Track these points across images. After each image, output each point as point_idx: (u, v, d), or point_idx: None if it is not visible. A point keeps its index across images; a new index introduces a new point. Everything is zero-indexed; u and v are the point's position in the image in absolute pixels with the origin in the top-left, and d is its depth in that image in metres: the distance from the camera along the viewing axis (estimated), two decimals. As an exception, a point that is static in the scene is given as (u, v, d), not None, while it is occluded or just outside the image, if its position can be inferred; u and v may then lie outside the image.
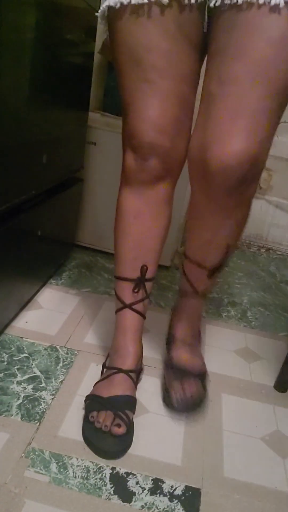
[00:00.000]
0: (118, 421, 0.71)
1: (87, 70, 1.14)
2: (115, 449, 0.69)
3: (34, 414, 0.75)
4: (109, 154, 1.31)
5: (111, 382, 0.77)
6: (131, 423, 0.73)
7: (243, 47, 0.59)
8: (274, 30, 0.57)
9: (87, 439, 0.71)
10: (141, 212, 0.77)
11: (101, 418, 0.72)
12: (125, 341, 0.81)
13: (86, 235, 1.44)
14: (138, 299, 0.81)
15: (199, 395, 0.82)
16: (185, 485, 0.67)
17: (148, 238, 0.79)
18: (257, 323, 1.20)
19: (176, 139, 0.69)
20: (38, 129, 0.89)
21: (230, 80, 0.61)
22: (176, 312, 0.93)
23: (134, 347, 0.81)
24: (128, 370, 0.79)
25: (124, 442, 0.71)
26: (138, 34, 0.63)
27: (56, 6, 0.85)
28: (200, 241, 0.78)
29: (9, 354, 0.89)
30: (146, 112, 0.67)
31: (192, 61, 0.67)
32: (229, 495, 0.67)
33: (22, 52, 0.75)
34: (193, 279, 0.84)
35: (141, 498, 0.64)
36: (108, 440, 0.70)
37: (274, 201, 1.74)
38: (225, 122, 0.62)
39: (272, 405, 0.88)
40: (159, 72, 0.65)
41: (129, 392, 0.76)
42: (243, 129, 0.61)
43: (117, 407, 0.73)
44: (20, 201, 0.88)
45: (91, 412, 0.73)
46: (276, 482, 0.71)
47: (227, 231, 0.75)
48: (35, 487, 0.62)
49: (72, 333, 1.00)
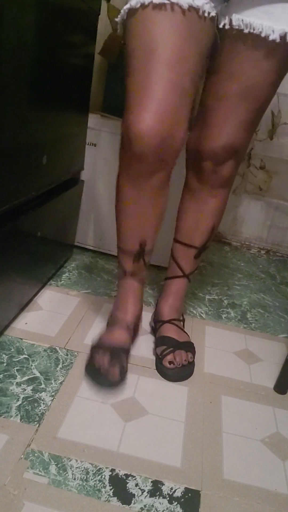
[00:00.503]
0: (113, 363, 0.85)
1: (88, 71, 1.14)
2: (111, 386, 0.84)
3: (33, 416, 0.75)
4: (109, 155, 1.31)
5: (112, 333, 0.92)
6: (124, 368, 0.87)
7: (236, 71, 0.74)
8: (266, 61, 0.72)
9: (88, 375, 0.86)
10: (137, 199, 0.81)
11: (100, 360, 0.86)
12: (126, 302, 0.94)
13: (86, 236, 1.44)
14: (138, 267, 0.92)
15: (189, 363, 0.93)
16: (184, 487, 0.67)
17: (146, 219, 0.85)
18: (257, 325, 1.19)
19: (173, 127, 0.73)
20: (38, 130, 0.89)
21: (223, 97, 0.78)
22: (163, 295, 1.03)
23: (132, 307, 0.94)
24: (126, 325, 0.93)
25: (117, 384, 0.85)
26: (153, 30, 0.68)
27: (57, 8, 0.85)
28: (190, 222, 0.94)
29: (8, 355, 0.89)
30: (147, 101, 0.70)
31: (197, 62, 0.72)
32: (228, 497, 0.67)
33: (23, 54, 0.75)
34: (181, 262, 0.98)
35: (141, 500, 0.64)
36: (102, 379, 0.84)
37: (274, 202, 1.74)
38: (216, 127, 0.81)
39: (272, 407, 0.88)
40: (166, 64, 0.69)
41: (125, 342, 0.91)
42: (230, 132, 0.80)
43: (114, 353, 0.87)
44: (20, 202, 0.88)
45: (94, 354, 0.88)
46: (276, 484, 0.70)
47: (212, 210, 0.92)
48: (34, 488, 0.62)
49: (72, 334, 1.00)
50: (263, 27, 0.68)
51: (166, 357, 0.91)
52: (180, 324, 1.01)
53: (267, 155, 1.67)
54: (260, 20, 0.69)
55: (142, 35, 0.69)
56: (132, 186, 0.79)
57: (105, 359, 0.86)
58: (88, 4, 1.02)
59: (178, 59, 0.69)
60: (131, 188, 0.80)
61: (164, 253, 1.39)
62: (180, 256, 0.97)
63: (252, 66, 0.72)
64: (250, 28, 0.69)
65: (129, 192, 0.81)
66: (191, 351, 0.95)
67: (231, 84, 0.75)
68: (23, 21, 0.72)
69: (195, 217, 0.93)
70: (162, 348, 0.93)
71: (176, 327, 0.98)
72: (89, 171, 1.34)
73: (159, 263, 1.42)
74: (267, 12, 0.68)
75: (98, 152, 1.32)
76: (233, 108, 0.77)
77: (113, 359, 0.85)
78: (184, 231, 0.95)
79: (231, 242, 1.81)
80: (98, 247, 1.45)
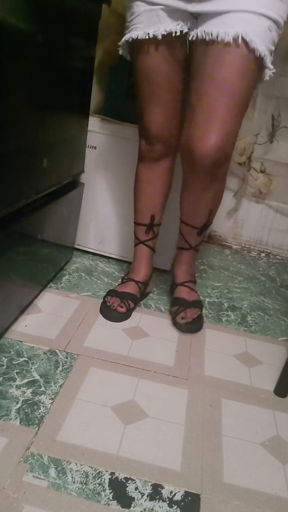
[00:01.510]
0: (121, 304, 1.12)
1: (88, 74, 1.14)
2: (116, 318, 1.10)
3: (33, 419, 0.75)
4: (110, 158, 1.32)
5: (125, 285, 1.17)
6: (130, 308, 1.13)
7: (213, 72, 0.87)
8: (229, 59, 0.85)
9: (101, 310, 1.12)
10: (151, 179, 1.12)
11: (111, 301, 1.12)
12: (139, 265, 1.20)
13: (86, 239, 1.44)
14: (149, 237, 1.18)
15: (199, 319, 1.13)
16: (184, 491, 0.67)
17: (156, 196, 1.14)
18: (257, 328, 1.19)
19: (172, 131, 1.04)
20: (38, 133, 0.89)
21: (204, 95, 0.90)
22: (176, 263, 1.22)
23: (145, 268, 1.20)
24: (138, 281, 1.18)
25: (123, 316, 1.11)
26: (147, 61, 0.95)
27: (58, 11, 0.85)
28: (189, 207, 1.08)
29: (8, 358, 0.89)
30: (152, 116, 1.01)
31: (181, 79, 0.98)
32: (228, 501, 0.66)
33: (24, 57, 0.75)
34: (187, 237, 1.14)
35: (140, 503, 0.64)
36: (113, 313, 1.11)
37: (274, 205, 1.75)
38: (202, 125, 0.91)
39: (272, 410, 0.88)
40: (161, 88, 0.97)
41: (134, 292, 1.16)
42: (215, 130, 0.90)
43: (123, 297, 1.13)
44: (21, 204, 0.88)
45: (107, 296, 1.15)
46: (276, 488, 0.70)
47: (208, 199, 1.05)
48: (34, 492, 0.62)
49: (71, 337, 1.00)
50: (218, 33, 0.84)
51: (179, 314, 1.12)
52: (191, 285, 1.20)
53: (267, 158, 1.68)
54: (217, 28, 0.84)
55: (141, 65, 0.97)
56: (147, 168, 1.10)
57: (116, 300, 1.12)
58: (89, 7, 1.02)
59: (169, 83, 0.97)
60: (147, 170, 1.10)
61: (163, 257, 1.39)
62: (185, 233, 1.14)
63: (219, 65, 0.86)
64: (210, 35, 0.85)
65: (145, 174, 1.11)
66: (199, 307, 1.16)
67: (208, 83, 0.89)
68: (24, 24, 0.73)
69: (193, 204, 1.07)
70: (175, 307, 1.14)
71: (188, 288, 1.18)
72: (90, 174, 1.34)
73: (159, 266, 1.42)
74: (223, 22, 0.84)
75: (98, 154, 1.32)
76: (214, 104, 0.89)
77: (122, 300, 1.12)
78: (185, 214, 1.11)
79: (231, 245, 1.82)
80: (98, 249, 1.45)
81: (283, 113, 1.59)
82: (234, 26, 0.83)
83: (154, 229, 1.18)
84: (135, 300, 1.15)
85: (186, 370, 0.96)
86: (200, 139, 0.91)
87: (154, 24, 0.90)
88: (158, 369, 0.94)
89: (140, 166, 1.12)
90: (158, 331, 1.09)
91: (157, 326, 1.11)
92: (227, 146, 0.93)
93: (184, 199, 1.08)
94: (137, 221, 1.18)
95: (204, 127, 0.90)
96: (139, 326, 1.10)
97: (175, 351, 1.02)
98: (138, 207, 1.16)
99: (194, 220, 1.10)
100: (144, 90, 0.99)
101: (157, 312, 1.18)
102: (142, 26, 0.91)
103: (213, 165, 0.94)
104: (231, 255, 1.73)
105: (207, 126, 0.90)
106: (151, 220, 1.16)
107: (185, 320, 1.10)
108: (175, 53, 0.94)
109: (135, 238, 1.20)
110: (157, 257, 1.40)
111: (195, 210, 1.07)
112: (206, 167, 0.94)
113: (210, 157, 0.92)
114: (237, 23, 0.83)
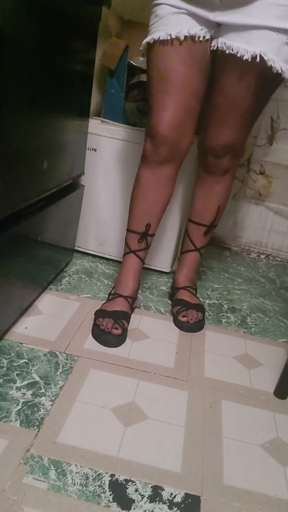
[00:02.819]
0: (116, 326, 1.02)
1: (88, 77, 1.15)
2: (113, 343, 1.00)
3: (33, 420, 0.75)
4: (109, 160, 1.32)
5: (114, 302, 1.08)
6: (125, 329, 1.04)
7: (224, 86, 0.95)
8: (245, 77, 0.91)
9: (95, 335, 1.02)
10: (151, 184, 1.05)
11: (104, 322, 1.02)
12: (127, 276, 1.12)
13: (86, 240, 1.44)
14: (141, 247, 1.11)
15: (199, 320, 1.14)
16: (184, 493, 0.67)
17: (154, 204, 1.08)
18: (257, 329, 1.19)
19: (181, 134, 0.99)
20: (39, 135, 0.89)
21: (216, 106, 0.99)
22: (179, 266, 1.23)
23: (132, 281, 1.12)
24: (126, 296, 1.10)
25: (119, 339, 1.01)
26: (165, 60, 0.93)
27: (58, 14, 0.86)
28: (200, 204, 1.16)
29: (8, 359, 0.89)
30: (163, 113, 0.96)
31: (199, 83, 0.96)
32: (229, 502, 0.66)
33: (24, 59, 0.75)
34: (193, 237, 1.18)
35: (140, 505, 0.64)
36: (109, 337, 1.00)
37: (274, 207, 1.75)
38: (214, 129, 1.03)
39: (272, 412, 0.88)
40: (176, 88, 0.94)
41: (125, 309, 1.07)
42: (225, 133, 1.02)
43: (116, 317, 1.04)
44: (21, 207, 0.88)
45: (98, 318, 1.04)
46: (276, 489, 0.70)
47: (218, 194, 1.13)
48: (34, 494, 0.62)
49: (71, 338, 1.00)
50: (239, 49, 0.87)
51: (181, 313, 1.13)
52: (192, 291, 1.21)
53: (266, 160, 1.68)
54: (238, 43, 0.87)
55: (158, 64, 0.94)
56: (149, 173, 1.04)
57: (109, 321, 1.03)
58: (88, 10, 1.03)
59: (185, 85, 0.94)
60: (148, 173, 1.04)
61: (164, 258, 1.39)
62: (192, 233, 1.19)
63: (234, 82, 0.93)
64: (230, 49, 0.88)
65: (146, 178, 1.05)
66: (201, 311, 1.15)
67: (220, 97, 0.97)
68: (24, 27, 0.73)
69: (204, 200, 1.15)
70: (177, 307, 1.16)
71: (189, 292, 1.19)
72: (90, 176, 1.34)
73: (159, 267, 1.42)
74: (244, 38, 0.87)
75: (98, 157, 1.32)
76: (223, 114, 0.99)
77: (115, 320, 1.02)
78: (195, 211, 1.17)
79: (231, 247, 1.82)
80: (98, 251, 1.45)
81: (282, 115, 1.60)
82: (254, 44, 0.86)
83: (148, 239, 1.11)
84: (127, 318, 1.07)
85: (186, 372, 0.96)
86: (211, 137, 1.04)
87: (178, 27, 0.90)
88: (158, 371, 0.94)
89: (142, 169, 1.06)
90: (158, 333, 1.09)
91: (157, 327, 1.11)
92: (235, 145, 1.04)
93: (196, 196, 1.17)
94: (130, 228, 1.11)
95: (215, 130, 1.02)
96: (139, 327, 1.10)
97: (175, 352, 1.02)
98: (134, 213, 1.09)
99: (203, 217, 1.16)
100: (158, 88, 0.96)
101: (157, 314, 1.18)
102: (165, 28, 0.91)
103: (222, 157, 1.05)
104: (230, 257, 1.73)
105: (218, 129, 1.02)
106: (146, 229, 1.09)
107: (186, 319, 1.12)
108: (196, 57, 0.92)
109: (126, 247, 1.12)
110: (157, 258, 1.40)
111: (205, 205, 1.15)
112: (217, 160, 1.06)
113: (219, 150, 1.04)
114: (256, 42, 0.86)
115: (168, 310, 1.21)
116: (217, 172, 1.10)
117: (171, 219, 1.34)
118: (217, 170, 1.09)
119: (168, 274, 1.42)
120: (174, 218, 1.34)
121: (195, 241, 1.18)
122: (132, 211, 1.10)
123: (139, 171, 1.07)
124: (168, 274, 1.42)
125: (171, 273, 1.42)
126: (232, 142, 1.03)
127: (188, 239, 1.20)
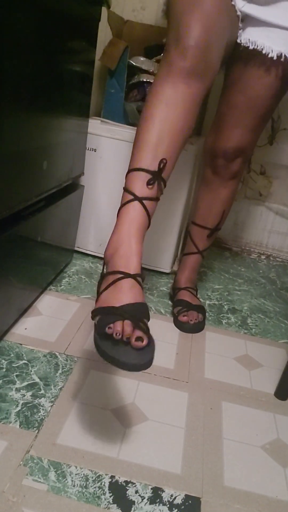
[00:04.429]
0: (138, 333, 0.62)
1: (88, 77, 1.15)
2: (141, 361, 0.60)
3: (32, 422, 0.75)
4: (109, 160, 1.32)
5: (120, 289, 0.67)
6: (151, 335, 0.65)
7: (244, 86, 0.94)
8: (267, 77, 0.91)
9: (106, 354, 0.60)
10: (173, 101, 0.77)
11: (119, 328, 0.62)
12: (129, 237, 0.72)
13: (86, 241, 1.44)
14: (151, 195, 0.76)
15: (199, 321, 1.13)
16: (185, 494, 0.66)
17: (173, 129, 0.78)
18: (258, 330, 1.19)
19: (210, 47, 0.78)
20: (38, 135, 0.89)
21: (233, 106, 0.98)
22: (180, 267, 1.22)
23: (138, 245, 0.72)
24: (136, 275, 0.69)
25: (149, 353, 0.62)
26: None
27: (57, 14, 0.86)
28: (205, 207, 1.14)
29: (8, 360, 0.89)
30: (192, 23, 0.76)
31: (225, 29, 0.82)
32: (229, 504, 0.66)
33: (23, 60, 0.75)
34: (197, 240, 1.17)
35: (141, 507, 0.63)
36: (131, 352, 0.60)
37: (274, 207, 1.74)
38: (228, 131, 1.02)
39: (272, 413, 0.87)
40: (205, 14, 0.77)
41: (141, 299, 0.68)
42: (238, 135, 1.01)
43: (134, 316, 0.63)
44: (20, 207, 0.88)
45: (107, 325, 0.63)
46: (277, 491, 0.70)
47: (223, 198, 1.11)
48: (33, 495, 0.62)
49: (71, 339, 1.00)
50: (264, 45, 0.86)
51: (181, 313, 1.12)
52: (193, 291, 1.20)
53: (267, 160, 1.68)
54: (262, 40, 0.86)
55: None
56: (172, 88, 0.77)
57: (126, 325, 0.63)
58: (88, 10, 1.03)
59: (218, 13, 0.78)
60: (170, 89, 0.77)
61: (164, 258, 1.39)
62: (195, 236, 1.17)
63: (256, 82, 0.92)
64: (254, 45, 0.86)
65: (168, 93, 0.77)
66: (202, 313, 1.14)
67: (240, 96, 0.96)
68: (24, 27, 0.73)
69: (209, 203, 1.13)
70: (178, 308, 1.14)
71: (190, 293, 1.18)
72: (89, 176, 1.34)
73: (159, 268, 1.42)
74: (267, 36, 0.86)
75: (98, 157, 1.32)
76: (240, 115, 0.98)
77: (135, 322, 0.63)
78: (200, 214, 1.15)
79: (231, 247, 1.81)
80: (98, 252, 1.45)
81: (283, 115, 1.60)
82: (277, 44, 0.86)
83: (161, 185, 0.78)
84: (148, 313, 0.69)
85: (186, 373, 0.95)
86: (223, 139, 1.02)
87: None
88: (158, 372, 0.94)
89: (161, 82, 0.78)
90: (158, 334, 1.08)
91: (157, 328, 1.11)
92: (246, 148, 1.04)
93: (201, 199, 1.15)
94: (136, 166, 0.77)
95: (228, 131, 1.01)
96: (139, 328, 1.10)
97: (175, 353, 1.02)
98: (144, 143, 0.77)
99: (207, 220, 1.14)
100: (184, 8, 0.79)
101: (157, 315, 1.18)
102: None
103: (233, 160, 1.04)
104: (231, 258, 1.73)
105: (231, 131, 1.01)
106: (160, 167, 0.76)
107: (187, 319, 1.11)
108: (229, 20, 0.83)
109: (126, 193, 0.77)
110: (157, 258, 1.40)
111: (210, 208, 1.13)
112: (226, 162, 1.04)
113: (230, 154, 1.03)
114: (278, 41, 0.86)
115: (168, 311, 1.21)
116: (225, 176, 1.08)
117: (171, 219, 1.34)
118: (226, 174, 1.08)
119: (168, 274, 1.42)
120: (175, 218, 1.34)
121: (198, 243, 1.17)
122: (142, 140, 0.78)
123: (157, 85, 0.79)
124: (168, 275, 1.42)
125: (171, 274, 1.42)
126: (245, 145, 1.02)
127: (190, 241, 1.19)
